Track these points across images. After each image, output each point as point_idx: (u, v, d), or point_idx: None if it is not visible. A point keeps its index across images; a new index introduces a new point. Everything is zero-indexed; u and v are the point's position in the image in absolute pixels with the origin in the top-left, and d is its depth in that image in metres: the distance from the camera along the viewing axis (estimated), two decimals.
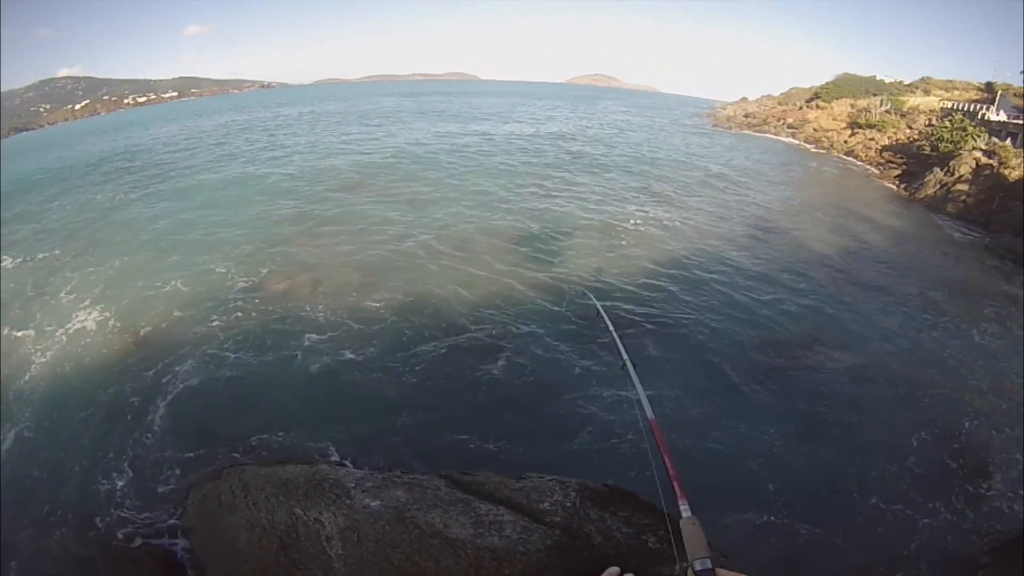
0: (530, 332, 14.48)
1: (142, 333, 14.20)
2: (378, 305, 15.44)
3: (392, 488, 6.46)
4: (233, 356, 12.93)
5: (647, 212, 27.04)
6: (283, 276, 16.89)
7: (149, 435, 10.48)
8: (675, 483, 1.65)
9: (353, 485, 6.60)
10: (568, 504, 6.23)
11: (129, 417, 11.05)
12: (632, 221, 25.27)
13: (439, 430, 10.35)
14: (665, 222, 25.83)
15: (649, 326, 15.64)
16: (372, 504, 6.15)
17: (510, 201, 26.67)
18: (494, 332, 14.32)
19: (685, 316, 16.49)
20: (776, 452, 11.20)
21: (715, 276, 19.78)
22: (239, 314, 14.76)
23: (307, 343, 13.44)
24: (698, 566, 1.53)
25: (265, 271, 17.48)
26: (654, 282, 18.55)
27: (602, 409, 11.59)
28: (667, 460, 1.56)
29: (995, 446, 12.67)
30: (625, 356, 2.45)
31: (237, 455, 9.69)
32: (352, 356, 13.00)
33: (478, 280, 17.22)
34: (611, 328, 2.94)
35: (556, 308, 15.93)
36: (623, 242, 22.28)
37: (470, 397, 11.75)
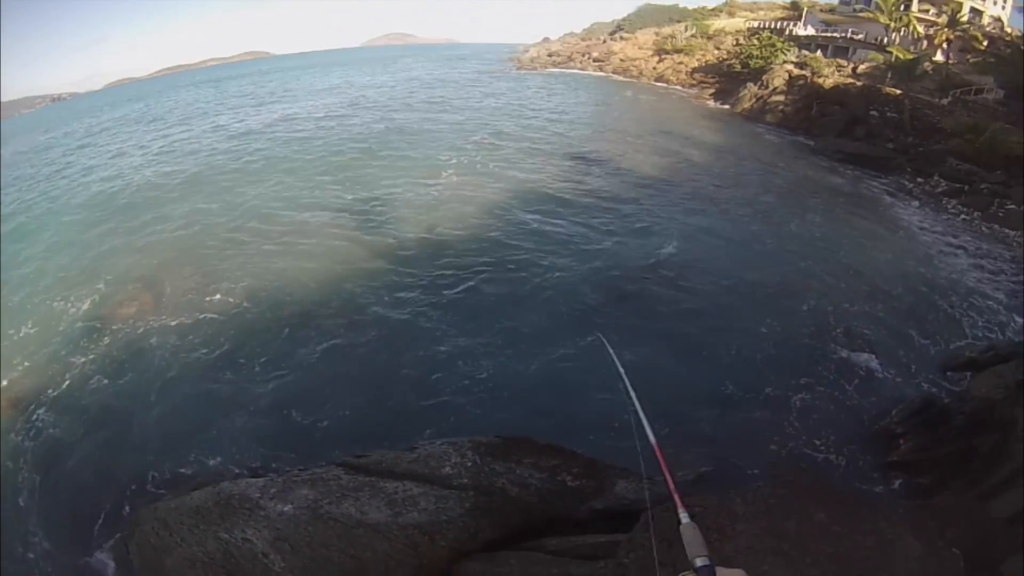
0: (376, 299, 14.55)
1: None
2: (222, 302, 14.93)
3: (296, 488, 6.67)
4: (99, 394, 12.05)
5: (463, 164, 26.70)
6: (125, 296, 15.74)
7: (43, 503, 9.64)
8: (675, 495, 1.76)
9: (259, 495, 6.76)
10: (469, 464, 6.56)
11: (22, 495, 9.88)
12: (448, 174, 25.05)
13: (319, 417, 10.39)
14: (483, 171, 25.60)
15: (490, 274, 15.76)
16: (285, 509, 6.38)
17: (330, 176, 25.94)
18: (342, 306, 14.33)
19: (525, 260, 16.59)
20: (654, 371, 11.46)
21: (546, 216, 20.01)
22: (91, 348, 13.63)
23: (165, 360, 12.78)
24: (698, 563, 1.60)
25: (101, 295, 16.14)
26: (486, 231, 18.70)
27: (464, 361, 12.01)
28: (668, 476, 1.75)
29: (845, 321, 13.95)
30: (626, 381, 2.46)
31: (141, 495, 9.31)
32: (213, 361, 12.62)
33: (315, 256, 17.19)
34: (610, 350, 2.96)
35: (398, 270, 15.94)
36: (445, 195, 22.37)
37: (338, 376, 11.74)
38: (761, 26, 56.86)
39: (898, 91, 34.24)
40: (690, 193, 23.17)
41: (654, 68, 59.52)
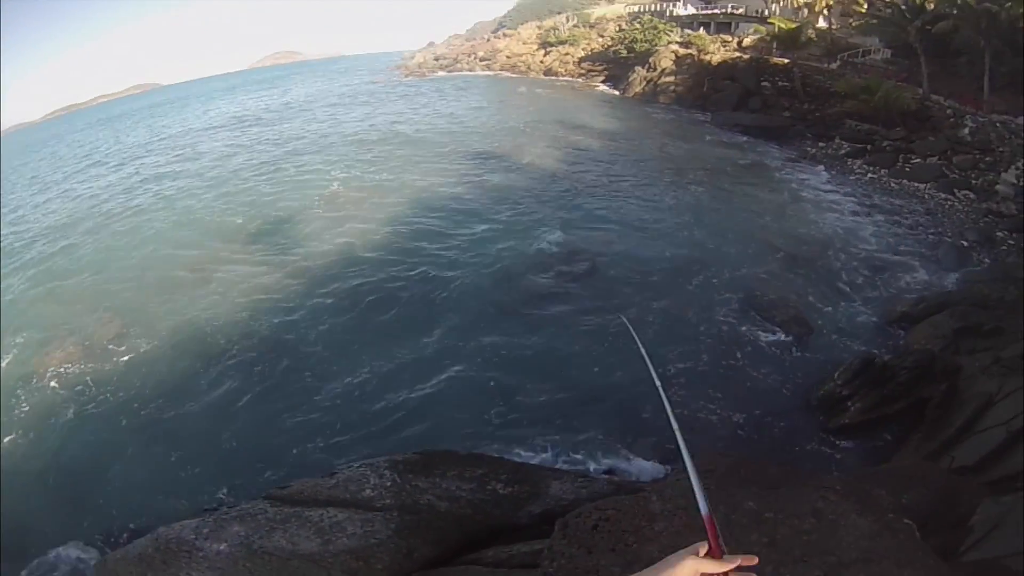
0: (285, 324, 14.35)
1: None
2: (137, 344, 14.48)
3: (227, 525, 6.61)
4: (32, 454, 11.71)
5: (359, 177, 25.92)
6: (41, 348, 15.00)
7: None
8: (697, 488, 1.29)
9: (194, 536, 6.67)
10: (388, 483, 6.60)
11: None
12: (343, 189, 24.20)
13: (239, 449, 10.45)
14: (380, 182, 24.86)
15: (394, 286, 15.50)
16: (221, 548, 6.36)
17: (227, 204, 24.70)
18: (254, 335, 14.03)
19: (427, 268, 16.26)
20: (561, 367, 11.65)
21: (446, 219, 19.47)
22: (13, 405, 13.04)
23: (85, 409, 12.46)
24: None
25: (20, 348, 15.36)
26: (387, 242, 18.11)
27: (376, 379, 11.88)
28: (690, 466, 1.29)
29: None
30: (650, 365, 1.79)
31: (87, 552, 9.23)
32: (132, 405, 12.30)
33: (225, 286, 16.58)
34: (634, 333, 2.28)
35: (306, 292, 15.62)
36: (344, 210, 21.49)
37: (257, 407, 11.68)
38: (641, 10, 57.37)
39: (786, 60, 34.84)
40: (589, 180, 22.85)
41: (541, 61, 59.51)
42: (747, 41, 41.39)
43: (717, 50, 41.16)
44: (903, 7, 27.89)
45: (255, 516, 6.79)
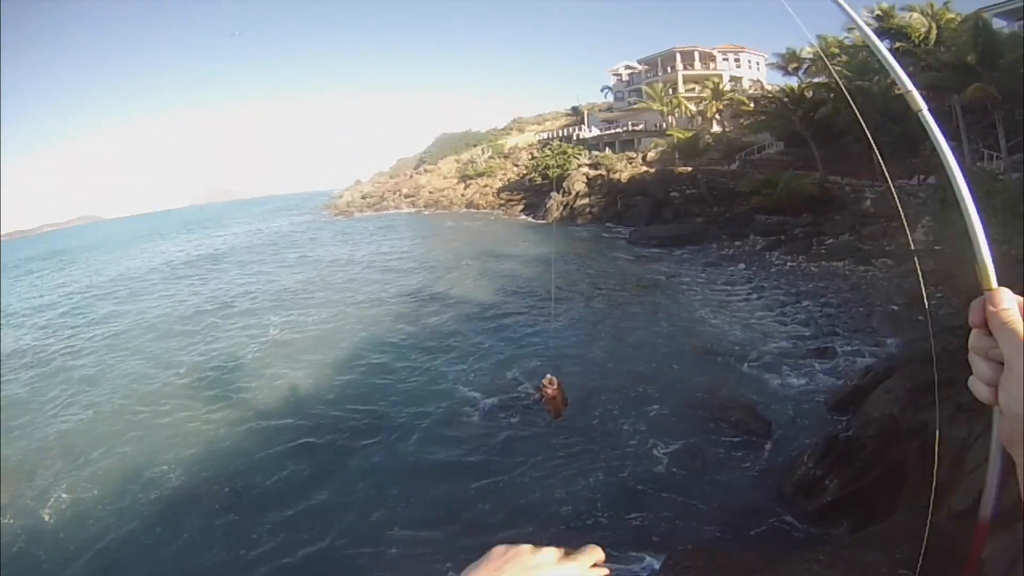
0: (231, 470, 13.24)
1: None
2: (100, 493, 13.20)
3: None
4: None
5: (298, 322, 24.89)
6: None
7: None
8: None
9: None
10: None
11: None
12: (279, 334, 23.22)
13: None
14: (318, 325, 23.97)
15: (349, 429, 14.39)
16: None
17: (167, 353, 22.93)
18: (217, 489, 12.64)
19: (379, 410, 15.37)
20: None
21: (393, 360, 18.61)
22: None
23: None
24: None
25: None
26: (332, 383, 17.25)
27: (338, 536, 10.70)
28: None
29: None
30: None
31: None
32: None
33: (179, 437, 15.24)
34: None
35: (257, 441, 14.47)
36: (282, 357, 20.21)
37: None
38: (550, 136, 60.50)
39: (689, 168, 36.27)
40: (519, 308, 22.51)
41: (462, 195, 60.73)
42: (651, 155, 43.33)
43: (625, 167, 42.91)
44: (785, 100, 29.63)
45: None
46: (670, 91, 46.39)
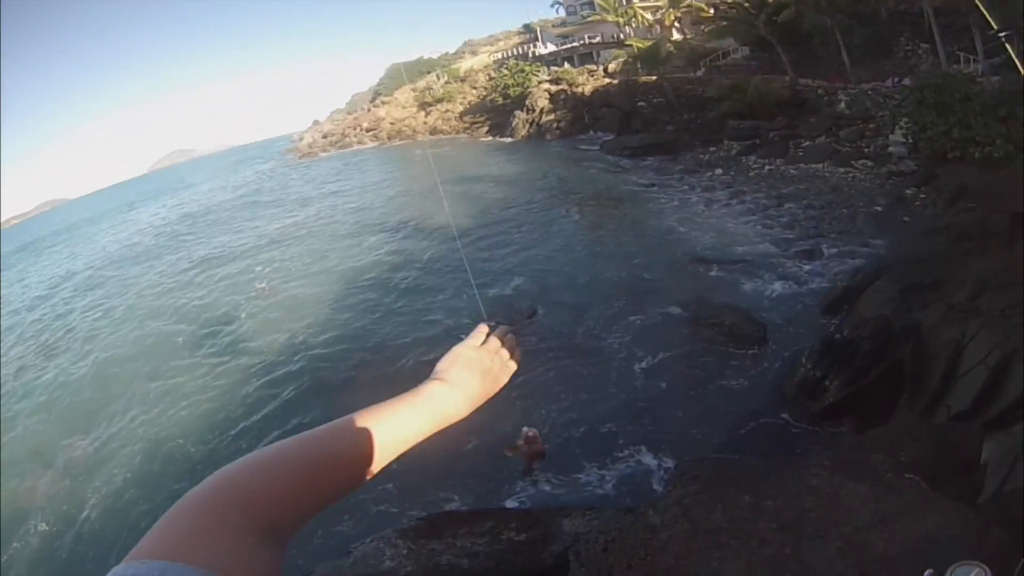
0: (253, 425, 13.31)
1: None
2: (115, 464, 13.32)
3: None
4: None
5: (284, 271, 24.67)
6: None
7: None
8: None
9: None
10: (406, 552, 6.47)
11: None
12: (266, 284, 22.86)
13: None
14: (303, 272, 23.64)
15: (344, 361, 14.82)
16: None
17: (162, 323, 22.39)
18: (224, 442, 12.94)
19: (373, 340, 15.69)
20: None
21: (380, 293, 18.70)
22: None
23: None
24: None
25: None
26: (328, 323, 17.45)
27: None
28: None
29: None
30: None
31: None
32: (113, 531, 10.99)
33: (184, 395, 15.41)
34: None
35: (255, 387, 14.73)
36: (274, 306, 20.18)
37: None
38: (504, 56, 59.10)
39: (653, 77, 36.13)
40: (501, 228, 22.72)
41: (424, 123, 59.68)
42: (612, 67, 42.82)
43: (587, 80, 42.43)
44: (746, 4, 29.24)
45: None
46: (623, 1, 45.27)
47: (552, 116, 42.50)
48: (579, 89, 41.90)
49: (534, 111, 44.00)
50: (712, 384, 10.76)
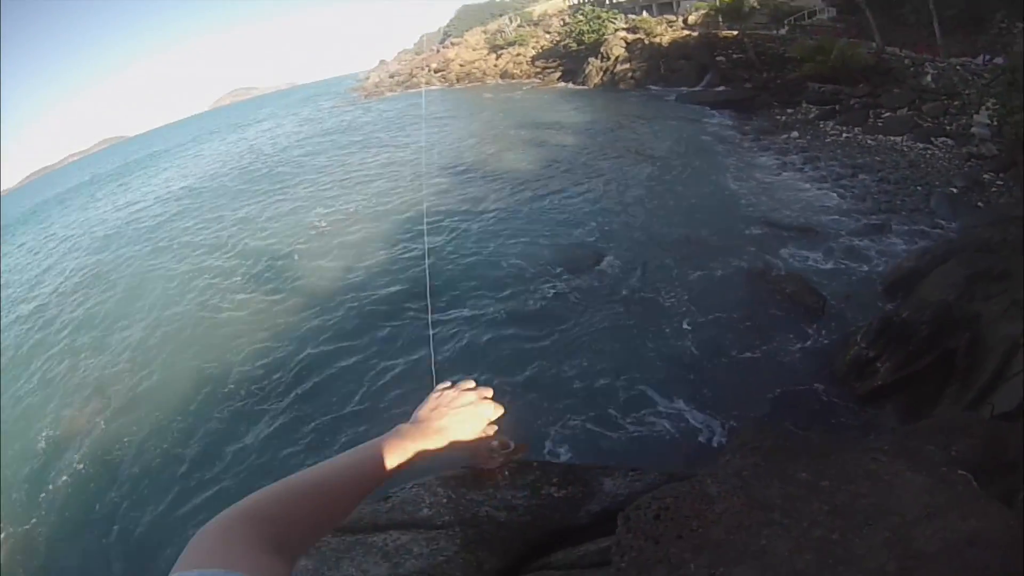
0: (309, 358, 13.86)
1: None
2: (168, 392, 14.03)
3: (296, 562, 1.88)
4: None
5: (334, 209, 25.70)
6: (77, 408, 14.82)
7: None
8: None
9: None
10: (444, 500, 5.82)
11: None
12: (322, 222, 23.87)
13: None
14: (362, 209, 24.58)
15: (405, 308, 14.92)
16: None
17: (219, 259, 23.46)
18: (282, 372, 13.55)
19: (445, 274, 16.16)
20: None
21: (444, 237, 19.01)
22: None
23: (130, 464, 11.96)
24: None
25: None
26: (388, 265, 17.87)
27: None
28: None
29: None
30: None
31: None
32: (170, 458, 11.78)
33: (249, 338, 15.69)
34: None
35: (316, 320, 15.47)
36: (333, 245, 20.97)
37: (296, 442, 11.20)
38: (580, 1, 58.14)
39: (735, 32, 35.40)
40: (573, 179, 22.81)
41: (495, 66, 59.60)
42: (692, 18, 41.84)
43: (665, 31, 41.56)
44: None
45: (319, 548, 6.17)
46: None
47: (627, 65, 42.00)
48: (656, 39, 41.11)
49: (609, 59, 43.54)
50: (764, 350, 10.89)
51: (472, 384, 1.26)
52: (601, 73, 43.83)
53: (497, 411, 1.23)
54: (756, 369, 10.43)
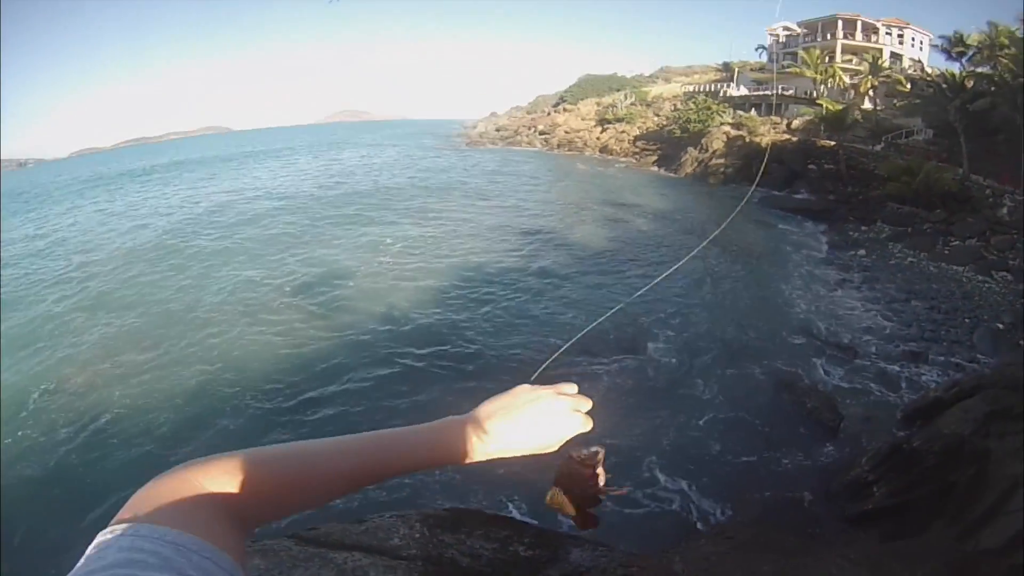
0: (334, 378, 14.28)
1: None
2: (179, 377, 14.66)
3: (248, 558, 5.99)
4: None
5: (415, 244, 26.59)
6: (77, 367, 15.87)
7: None
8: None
9: None
10: (417, 535, 6.20)
11: None
12: (392, 252, 25.23)
13: None
14: (426, 248, 25.70)
15: (441, 354, 15.39)
16: None
17: (287, 255, 25.63)
18: (302, 383, 14.02)
19: (474, 341, 16.23)
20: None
21: (497, 293, 19.86)
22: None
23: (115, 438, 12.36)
24: None
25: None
26: (438, 309, 18.45)
27: None
28: None
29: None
30: None
31: None
32: (164, 438, 12.17)
33: (274, 343, 16.56)
34: None
35: (355, 349, 15.72)
36: (392, 277, 21.89)
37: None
38: (696, 90, 58.52)
39: (832, 142, 35.24)
40: (634, 257, 23.35)
41: (597, 138, 60.71)
42: (796, 123, 41.98)
43: (767, 132, 41.90)
44: (944, 86, 28.21)
45: (277, 552, 6.42)
46: (826, 59, 44.22)
47: (722, 160, 42.22)
48: (757, 139, 41.32)
49: (707, 151, 43.89)
50: (771, 454, 10.95)
51: (573, 388, 1.04)
52: (695, 164, 44.12)
53: (585, 426, 1.00)
54: (757, 470, 10.52)
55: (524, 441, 0.97)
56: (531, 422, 0.96)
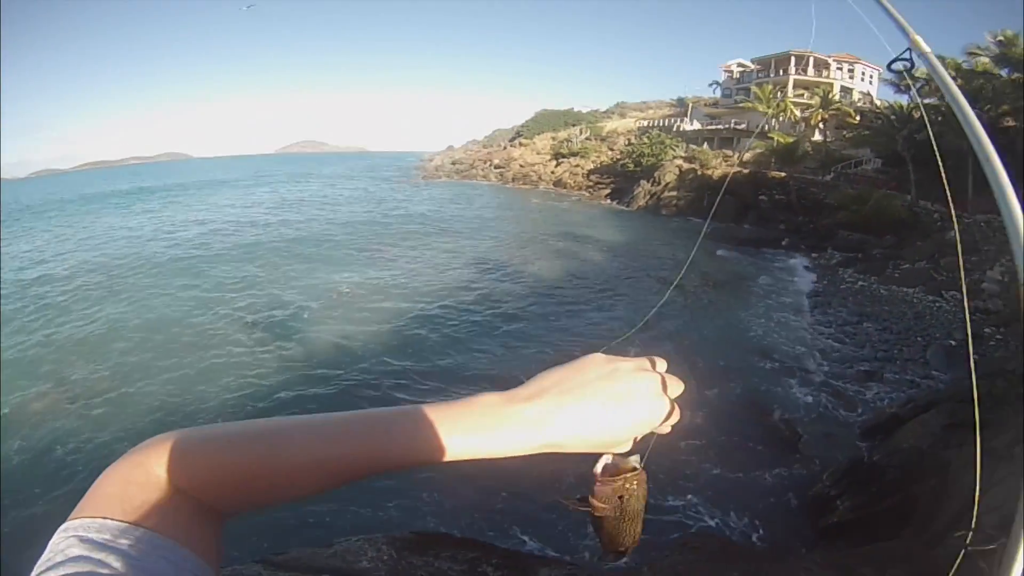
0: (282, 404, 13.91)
1: None
2: (129, 401, 14.14)
3: None
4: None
5: (360, 278, 26.32)
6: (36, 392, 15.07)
7: None
8: None
9: None
10: (385, 558, 6.57)
11: None
12: (345, 288, 24.39)
13: (236, 521, 1.34)
14: (380, 283, 25.17)
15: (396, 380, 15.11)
16: None
17: (235, 292, 24.71)
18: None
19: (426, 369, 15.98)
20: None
21: (447, 328, 19.26)
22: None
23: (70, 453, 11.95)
24: None
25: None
26: (386, 340, 17.99)
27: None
28: None
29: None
30: None
31: None
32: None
33: (222, 366, 16.30)
34: None
35: (308, 381, 15.24)
36: (346, 312, 21.33)
37: None
38: (651, 124, 60.14)
39: (783, 174, 35.63)
40: (585, 293, 22.99)
41: (552, 172, 61.19)
42: (748, 156, 42.33)
43: (719, 165, 42.42)
44: (892, 117, 29.05)
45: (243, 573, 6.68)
46: (778, 94, 45.31)
47: (674, 193, 42.59)
48: (709, 172, 41.83)
49: (659, 184, 44.24)
50: (735, 473, 10.94)
51: (663, 364, 0.78)
52: (648, 197, 44.44)
53: (673, 415, 0.74)
54: (721, 488, 10.46)
55: (587, 431, 0.69)
56: (601, 405, 0.68)
